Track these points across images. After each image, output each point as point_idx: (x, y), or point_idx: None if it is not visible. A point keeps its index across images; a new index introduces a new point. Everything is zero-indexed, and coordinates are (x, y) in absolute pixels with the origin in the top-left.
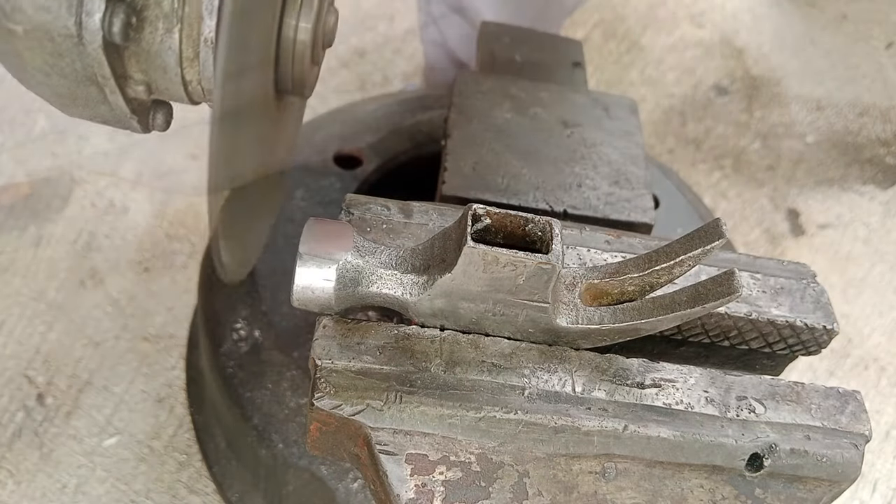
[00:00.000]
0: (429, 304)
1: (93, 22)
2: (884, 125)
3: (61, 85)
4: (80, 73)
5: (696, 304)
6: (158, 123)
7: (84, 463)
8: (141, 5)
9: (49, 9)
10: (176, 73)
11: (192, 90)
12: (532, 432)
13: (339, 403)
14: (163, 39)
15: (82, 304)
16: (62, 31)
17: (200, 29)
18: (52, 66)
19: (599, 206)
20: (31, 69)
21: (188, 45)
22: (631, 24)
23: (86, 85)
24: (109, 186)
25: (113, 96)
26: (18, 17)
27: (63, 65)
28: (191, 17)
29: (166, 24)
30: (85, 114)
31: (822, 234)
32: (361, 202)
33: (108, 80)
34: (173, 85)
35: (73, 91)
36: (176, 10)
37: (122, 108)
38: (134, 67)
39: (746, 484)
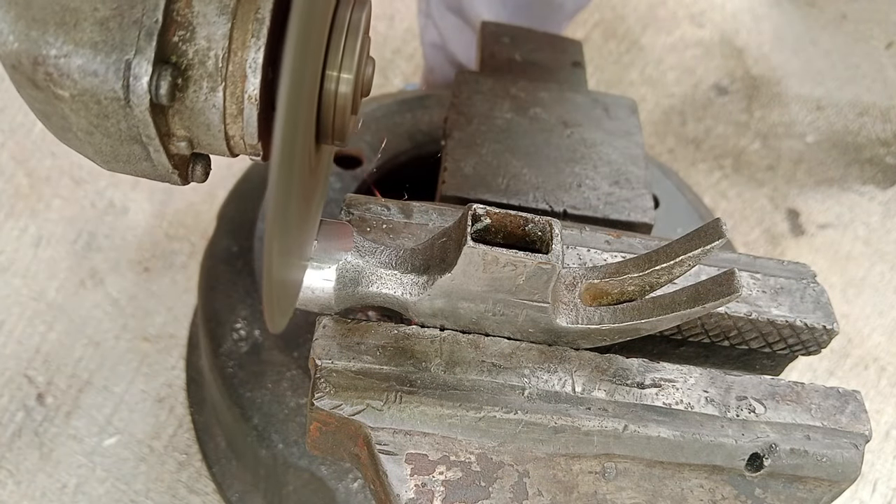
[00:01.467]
0: (429, 304)
1: (140, 86)
2: (884, 125)
3: (104, 143)
4: (125, 132)
5: (696, 304)
6: (197, 175)
7: (84, 463)
8: (186, 65)
9: (97, 73)
10: (219, 129)
11: (234, 144)
12: (532, 432)
13: (339, 403)
14: (207, 98)
15: (82, 304)
16: (109, 95)
17: (244, 87)
18: (96, 127)
19: (599, 206)
20: (75, 129)
21: (232, 103)
22: (631, 24)
23: (129, 144)
24: (109, 186)
25: (156, 154)
26: (66, 82)
27: (108, 125)
28: (234, 76)
29: (210, 83)
30: (126, 169)
31: (822, 234)
32: (361, 202)
33: (152, 139)
34: (216, 140)
35: (116, 149)
36: (220, 69)
37: (165, 164)
38: (177, 125)
39: (746, 484)
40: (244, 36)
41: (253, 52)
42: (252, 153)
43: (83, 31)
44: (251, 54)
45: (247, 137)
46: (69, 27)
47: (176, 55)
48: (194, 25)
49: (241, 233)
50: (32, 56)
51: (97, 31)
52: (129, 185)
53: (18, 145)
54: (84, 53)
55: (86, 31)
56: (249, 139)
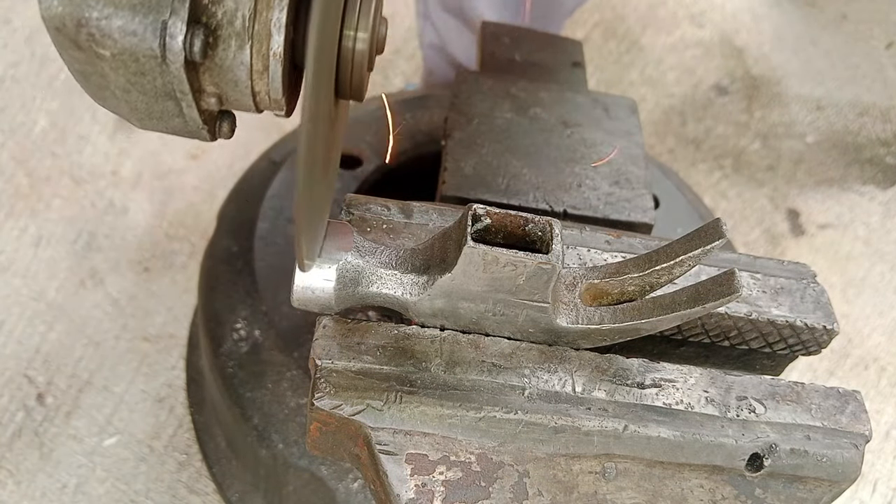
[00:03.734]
0: (429, 304)
1: (176, 44)
2: (884, 125)
3: (140, 101)
4: (160, 89)
5: (696, 304)
6: (224, 132)
7: (84, 463)
8: (215, 25)
9: (136, 33)
10: (247, 85)
11: (259, 100)
12: (532, 432)
13: (339, 403)
14: (235, 55)
15: (82, 304)
16: (147, 53)
17: (269, 44)
18: (133, 84)
19: (599, 206)
20: (113, 87)
21: (258, 60)
22: (631, 24)
23: (163, 100)
24: (109, 186)
25: (188, 109)
26: (107, 41)
27: (144, 82)
28: (260, 35)
29: (238, 42)
30: (159, 126)
31: (822, 234)
32: (361, 202)
33: (185, 94)
34: (243, 96)
35: (151, 106)
36: (247, 28)
37: (196, 119)
38: (208, 82)
39: (746, 484)
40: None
41: (277, 12)
42: (276, 108)
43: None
44: (275, 14)
45: (272, 93)
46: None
47: (206, 16)
48: None
49: (241, 233)
50: (76, 18)
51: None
52: (129, 185)
53: (18, 145)
54: (123, 15)
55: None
56: (274, 94)
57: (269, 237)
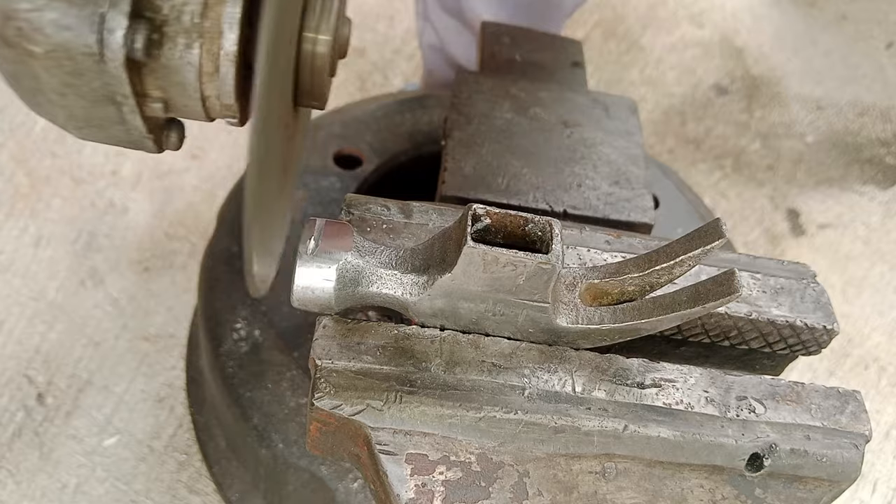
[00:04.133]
0: (429, 304)
1: (115, 39)
2: (884, 125)
3: (77, 106)
4: (99, 91)
5: (696, 304)
6: (172, 142)
7: (84, 463)
8: (160, 21)
9: (70, 27)
10: (195, 88)
11: (209, 105)
12: (532, 432)
13: (339, 403)
14: (182, 55)
15: (82, 304)
16: (83, 50)
17: (221, 43)
18: (69, 87)
19: (599, 206)
20: (47, 90)
21: (208, 60)
22: (631, 23)
23: (103, 105)
24: (109, 186)
25: (131, 115)
26: (38, 37)
27: (81, 84)
28: (211, 32)
29: (186, 40)
30: (99, 136)
31: (822, 234)
32: (361, 202)
33: (127, 98)
34: (192, 101)
35: (89, 112)
36: (196, 25)
37: (140, 127)
38: (152, 85)
39: (746, 484)
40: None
41: (230, 6)
42: (228, 115)
43: None
44: (227, 8)
45: (223, 97)
46: None
47: (151, 10)
48: None
49: (241, 233)
50: (4, 10)
51: None
52: (130, 185)
53: (18, 145)
54: (57, 7)
55: None
56: (226, 98)
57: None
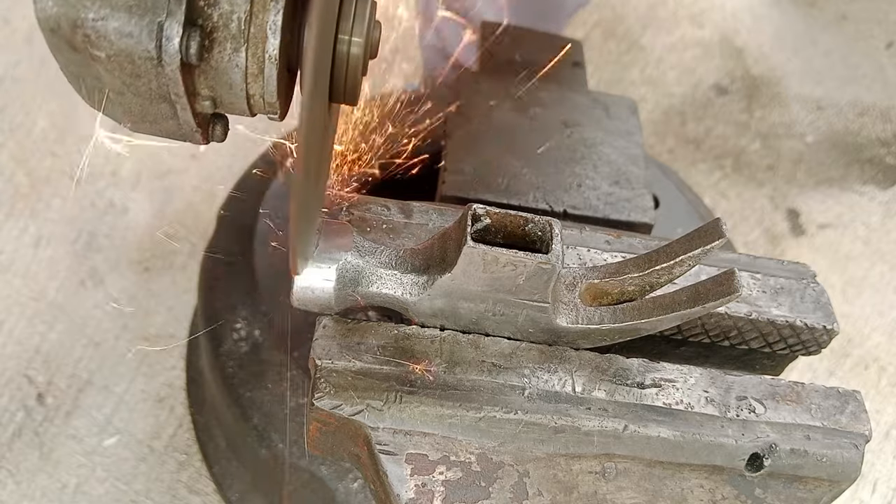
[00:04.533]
0: (429, 304)
1: (172, 46)
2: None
3: (134, 103)
4: (155, 91)
5: (696, 304)
6: (217, 135)
7: (84, 463)
8: (211, 27)
9: (132, 35)
10: (241, 88)
11: (254, 103)
12: (532, 432)
13: (339, 403)
14: (230, 58)
15: (82, 304)
16: (143, 55)
17: (265, 47)
18: (127, 86)
19: (599, 206)
20: (107, 89)
21: (253, 63)
22: (631, 23)
23: (158, 102)
24: (109, 186)
25: (183, 112)
26: (103, 43)
27: (139, 84)
28: (256, 37)
29: (234, 44)
30: (152, 129)
31: (822, 234)
32: (361, 202)
33: (180, 97)
34: (238, 99)
35: (145, 108)
36: (242, 31)
37: (190, 122)
38: (202, 84)
39: (746, 484)
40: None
41: (273, 14)
42: (270, 111)
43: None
44: (271, 17)
45: (266, 96)
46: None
47: (202, 18)
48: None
49: (241, 233)
50: (71, 20)
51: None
52: (130, 185)
53: (18, 145)
54: (120, 16)
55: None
56: (269, 97)
57: (269, 237)
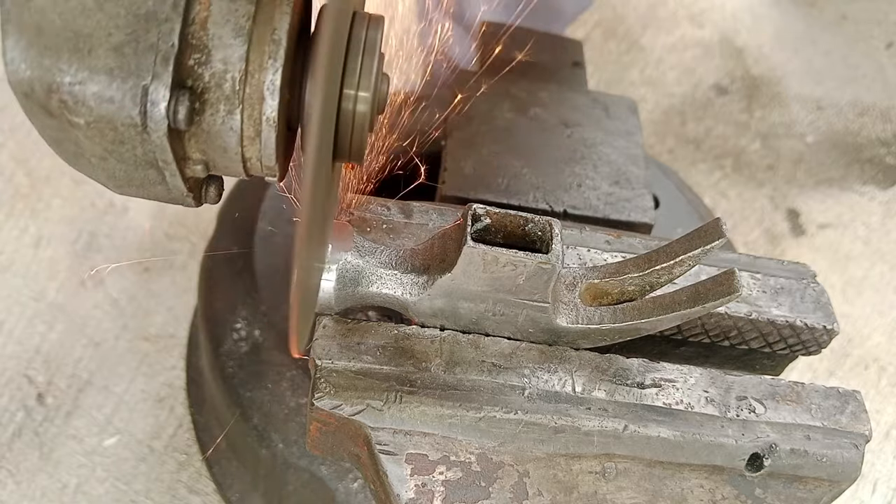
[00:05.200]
0: (429, 304)
1: (158, 111)
2: (884, 125)
3: (118, 169)
4: (140, 158)
5: (696, 304)
6: (211, 196)
7: (84, 463)
8: (202, 89)
9: (113, 100)
10: (236, 152)
11: (250, 166)
12: (532, 432)
13: (339, 403)
14: (224, 121)
15: (82, 304)
16: (126, 121)
17: (262, 109)
18: (110, 153)
19: (599, 206)
20: (88, 155)
21: (249, 125)
22: (631, 23)
23: (144, 168)
24: None
25: (172, 178)
26: (81, 109)
27: (123, 151)
28: (252, 98)
29: (227, 106)
30: (139, 193)
31: (822, 234)
32: (361, 202)
33: (168, 164)
34: (232, 163)
35: (130, 174)
36: (237, 92)
37: (180, 187)
38: (193, 148)
39: (746, 484)
40: (261, 58)
41: (270, 73)
42: (268, 174)
43: (98, 58)
44: (269, 76)
45: (264, 159)
46: (83, 53)
47: (192, 79)
48: (210, 48)
49: (241, 233)
50: (46, 84)
51: (112, 56)
52: None
53: (18, 145)
54: (99, 80)
55: (100, 58)
56: (267, 161)
57: (269, 237)
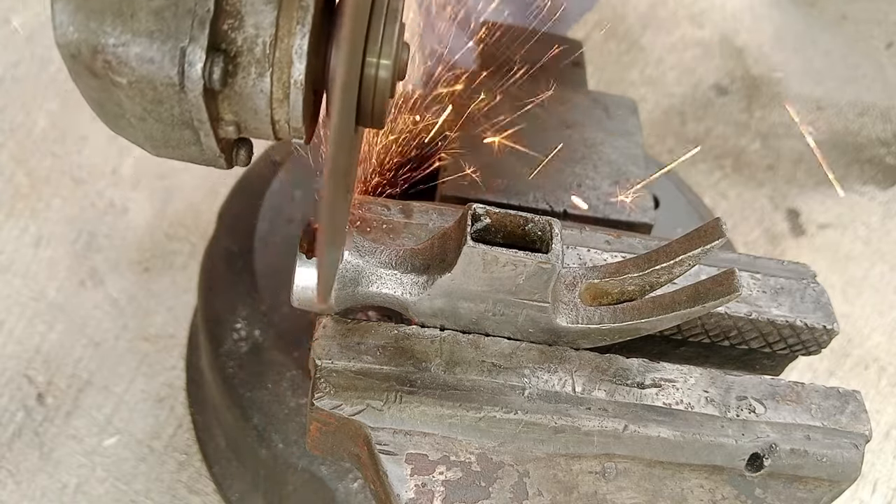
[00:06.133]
0: (429, 304)
1: (195, 71)
2: (884, 125)
3: (156, 129)
4: (177, 117)
5: (696, 304)
6: (241, 159)
7: (84, 463)
8: (235, 52)
9: (153, 60)
10: (266, 113)
11: (279, 128)
12: (532, 432)
13: (339, 403)
14: (255, 83)
15: (82, 304)
16: (165, 81)
17: (291, 72)
18: (149, 112)
19: (599, 206)
20: (129, 115)
21: (278, 88)
22: (631, 23)
23: (180, 128)
24: (109, 186)
25: (206, 138)
26: (124, 69)
27: (161, 110)
28: (281, 62)
29: (258, 69)
30: (175, 154)
31: (822, 234)
32: (361, 202)
33: (203, 123)
34: (262, 125)
35: (167, 134)
36: (267, 56)
37: (213, 148)
38: (226, 110)
39: (746, 484)
40: (290, 23)
41: (298, 38)
42: (295, 136)
43: (139, 21)
44: (297, 41)
45: (292, 121)
46: (126, 17)
47: (226, 42)
48: (243, 14)
49: (241, 233)
50: (92, 45)
51: (153, 20)
52: (130, 185)
53: (18, 145)
54: (141, 42)
55: (142, 21)
56: (295, 122)
57: (269, 237)
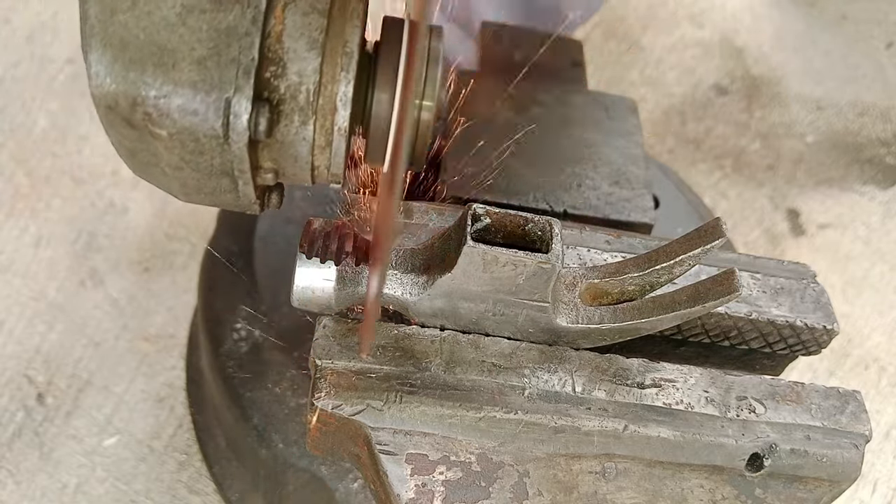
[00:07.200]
0: (429, 304)
1: (240, 123)
2: (884, 125)
3: (191, 178)
4: (217, 167)
5: (696, 304)
6: (273, 203)
7: (84, 463)
8: (278, 100)
9: (197, 112)
10: (307, 161)
11: (318, 174)
12: (532, 432)
13: (339, 403)
14: (297, 131)
15: (82, 304)
16: (208, 133)
17: (335, 119)
18: (187, 162)
19: (599, 206)
20: (164, 165)
21: (321, 135)
22: (631, 23)
23: (218, 177)
24: (109, 186)
25: (245, 187)
26: (165, 122)
27: (200, 161)
28: (324, 109)
29: (301, 117)
30: (206, 200)
31: (822, 234)
32: (361, 202)
33: (244, 173)
34: (302, 171)
35: (202, 183)
36: (311, 103)
37: (250, 195)
38: (265, 158)
39: (746, 484)
40: (334, 70)
41: (343, 85)
42: (333, 181)
43: (182, 71)
44: (341, 88)
45: (333, 167)
46: (168, 67)
47: (269, 91)
48: (285, 61)
49: (241, 233)
50: (131, 97)
51: (196, 70)
52: (130, 185)
53: (18, 145)
54: (184, 93)
55: (184, 71)
56: (335, 168)
57: (269, 237)
